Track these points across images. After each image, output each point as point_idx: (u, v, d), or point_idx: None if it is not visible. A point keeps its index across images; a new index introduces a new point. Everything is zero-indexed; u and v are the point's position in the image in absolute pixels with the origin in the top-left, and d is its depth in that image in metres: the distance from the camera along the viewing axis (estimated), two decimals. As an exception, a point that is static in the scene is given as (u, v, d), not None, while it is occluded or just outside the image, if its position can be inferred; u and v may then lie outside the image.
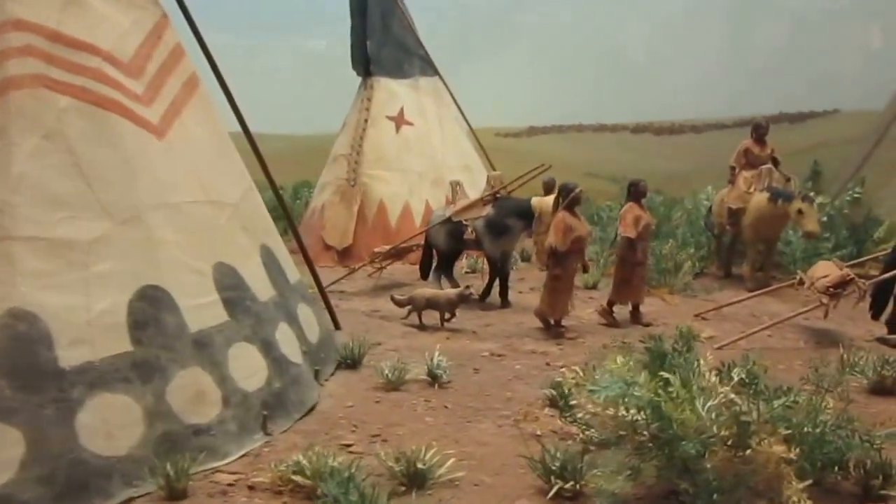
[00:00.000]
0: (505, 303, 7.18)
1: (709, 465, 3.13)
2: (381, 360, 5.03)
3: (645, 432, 3.02)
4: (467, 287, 6.44)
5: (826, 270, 5.84)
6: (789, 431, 3.07)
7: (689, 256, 7.94)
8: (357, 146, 10.24)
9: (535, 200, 6.66)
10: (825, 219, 8.49)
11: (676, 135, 14.88)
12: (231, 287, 4.20)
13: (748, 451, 3.09)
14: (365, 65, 10.46)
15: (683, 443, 2.99)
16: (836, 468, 3.28)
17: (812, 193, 7.26)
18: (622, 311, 6.62)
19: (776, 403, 3.06)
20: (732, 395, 3.19)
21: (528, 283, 8.14)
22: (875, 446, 3.31)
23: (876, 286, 5.81)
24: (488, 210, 7.04)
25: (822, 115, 16.66)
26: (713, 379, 3.24)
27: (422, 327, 6.37)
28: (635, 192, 6.32)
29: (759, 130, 8.05)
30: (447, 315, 6.33)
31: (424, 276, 7.70)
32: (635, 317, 6.50)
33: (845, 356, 4.98)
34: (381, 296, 7.32)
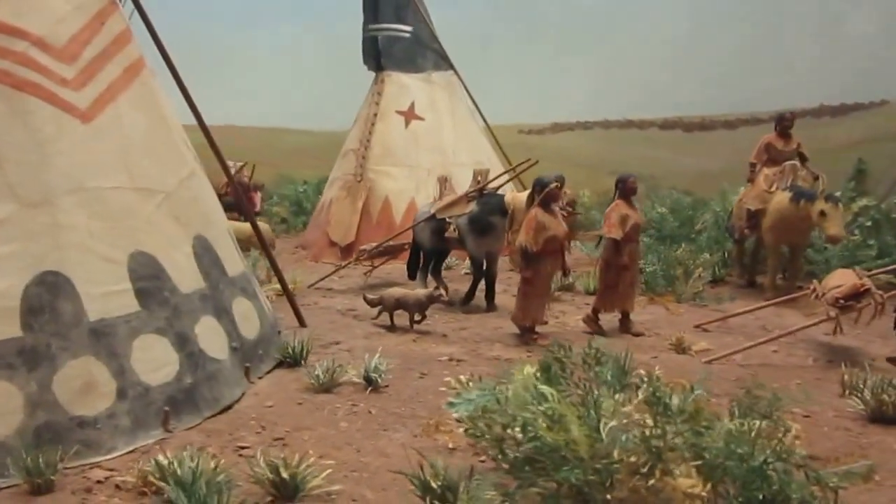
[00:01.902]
0: (490, 306, 6.77)
1: (609, 496, 2.70)
2: (328, 361, 4.75)
3: (518, 452, 2.61)
4: (436, 288, 6.09)
5: (841, 279, 5.11)
6: (699, 462, 2.58)
7: (703, 262, 7.22)
8: (365, 141, 10.05)
9: (508, 196, 6.22)
10: (869, 223, 7.55)
11: (708, 131, 13.79)
12: (148, 277, 4.04)
13: (651, 482, 2.64)
14: (376, 59, 10.28)
15: (565, 468, 2.57)
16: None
17: (837, 193, 6.41)
18: (613, 320, 6.10)
19: (682, 427, 2.58)
20: (639, 416, 2.75)
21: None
22: (831, 485, 2.76)
23: (901, 299, 5.05)
24: (472, 207, 6.66)
25: (868, 107, 15.01)
26: (617, 396, 2.80)
27: (391, 328, 6.06)
28: (623, 189, 5.77)
29: (782, 123, 7.25)
30: (417, 316, 6.00)
31: (412, 275, 7.40)
32: (624, 325, 5.94)
33: (847, 377, 4.35)
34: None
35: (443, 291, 5.91)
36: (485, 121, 10.94)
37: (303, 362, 4.92)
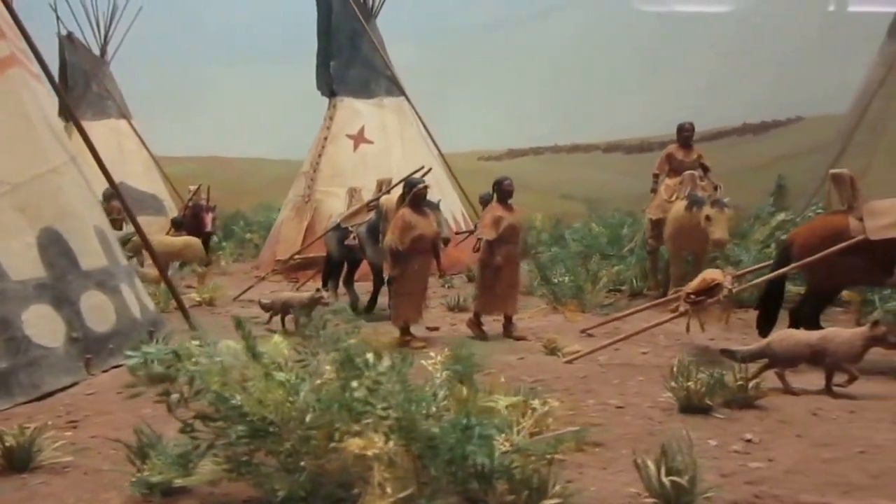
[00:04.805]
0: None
1: (302, 463, 2.61)
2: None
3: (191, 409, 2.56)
4: (318, 290, 6.08)
5: (708, 277, 4.94)
6: (373, 419, 2.47)
7: (611, 274, 7.09)
8: (315, 164, 10.26)
9: (383, 199, 6.24)
10: (784, 237, 7.33)
11: (646, 152, 13.78)
12: (-26, 262, 4.16)
13: (331, 445, 2.54)
14: (328, 85, 10.57)
15: (237, 427, 2.50)
16: (483, 479, 2.60)
17: (727, 199, 6.20)
18: (498, 325, 5.96)
19: (358, 382, 2.49)
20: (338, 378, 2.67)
21: (441, 297, 7.61)
22: (547, 455, 2.62)
23: (762, 296, 4.84)
24: (371, 215, 6.68)
25: (786, 124, 14.84)
26: (319, 357, 2.73)
27: (283, 332, 6.04)
28: (500, 192, 5.74)
29: (682, 133, 7.19)
30: (302, 319, 5.96)
31: (325, 284, 7.40)
32: (507, 329, 5.81)
33: (675, 369, 4.15)
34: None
35: (324, 294, 5.89)
36: (436, 146, 11.06)
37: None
